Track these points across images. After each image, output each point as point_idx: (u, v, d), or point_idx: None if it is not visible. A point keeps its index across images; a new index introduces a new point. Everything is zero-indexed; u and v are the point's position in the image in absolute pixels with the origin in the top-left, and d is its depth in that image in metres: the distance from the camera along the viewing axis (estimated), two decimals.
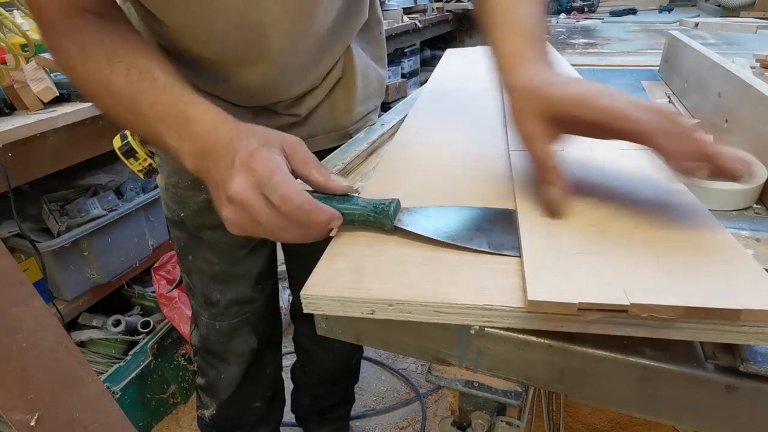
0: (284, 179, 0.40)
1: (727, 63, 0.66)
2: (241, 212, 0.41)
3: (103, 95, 0.51)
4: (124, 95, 0.49)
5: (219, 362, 0.95)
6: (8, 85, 1.16)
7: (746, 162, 0.37)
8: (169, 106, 0.48)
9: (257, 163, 0.40)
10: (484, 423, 0.46)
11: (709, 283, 0.33)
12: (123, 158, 0.82)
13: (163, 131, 0.47)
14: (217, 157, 0.44)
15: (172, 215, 0.84)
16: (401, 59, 3.53)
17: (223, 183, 0.42)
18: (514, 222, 0.44)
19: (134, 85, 0.49)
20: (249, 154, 0.41)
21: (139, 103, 0.48)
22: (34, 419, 0.72)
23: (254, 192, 0.40)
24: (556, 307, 0.33)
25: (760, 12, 1.87)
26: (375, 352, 1.72)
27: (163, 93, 0.48)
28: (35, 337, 0.76)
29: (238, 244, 0.86)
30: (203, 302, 0.90)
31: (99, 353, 1.41)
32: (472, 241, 0.42)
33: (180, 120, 0.47)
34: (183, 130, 0.46)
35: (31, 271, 1.26)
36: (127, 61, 0.50)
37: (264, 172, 0.40)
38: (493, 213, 0.45)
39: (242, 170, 0.40)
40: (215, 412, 0.99)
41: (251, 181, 0.40)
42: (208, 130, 0.45)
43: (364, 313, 0.38)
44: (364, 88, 0.83)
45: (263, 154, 0.41)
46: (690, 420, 0.36)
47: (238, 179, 0.40)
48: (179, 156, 0.48)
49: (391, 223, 0.43)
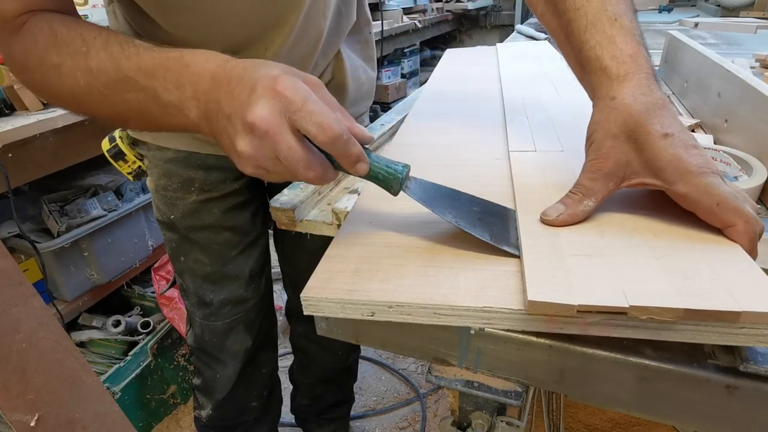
0: (319, 107, 0.36)
1: (727, 63, 0.66)
2: (261, 143, 0.37)
3: (80, 76, 0.46)
4: (106, 67, 0.45)
5: (214, 362, 0.95)
6: (8, 85, 1.16)
7: None
8: (161, 60, 0.43)
9: (285, 88, 0.36)
10: (484, 423, 0.46)
11: (708, 285, 0.33)
12: (112, 161, 0.82)
13: (157, 87, 0.43)
14: (230, 86, 0.39)
15: (162, 217, 0.84)
16: (401, 59, 3.52)
17: (241, 110, 0.37)
18: (514, 222, 0.44)
19: (116, 55, 0.45)
20: (273, 79, 0.37)
21: (123, 70, 0.44)
22: (34, 419, 0.72)
23: (281, 119, 0.36)
24: (556, 308, 0.33)
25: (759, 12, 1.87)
26: (375, 352, 1.72)
27: (149, 53, 0.44)
28: (35, 337, 0.76)
29: (230, 245, 0.86)
30: (197, 302, 0.90)
31: (99, 353, 1.41)
32: (474, 228, 0.42)
33: (177, 68, 0.42)
34: (182, 76, 0.42)
35: (31, 271, 1.26)
36: (103, 37, 0.46)
37: (296, 97, 0.36)
38: (496, 208, 0.46)
39: (268, 95, 0.36)
40: (211, 412, 0.99)
41: (278, 107, 0.36)
42: (216, 67, 0.41)
43: (364, 315, 0.38)
44: (356, 90, 0.83)
45: (290, 80, 0.37)
46: (690, 420, 0.36)
47: (261, 104, 0.36)
48: (182, 106, 0.43)
49: (400, 186, 0.42)
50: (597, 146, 0.42)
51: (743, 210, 0.37)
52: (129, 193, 1.49)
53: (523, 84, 0.88)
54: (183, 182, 0.79)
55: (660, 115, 0.40)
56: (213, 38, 0.62)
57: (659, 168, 0.39)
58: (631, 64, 0.42)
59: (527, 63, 1.05)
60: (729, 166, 0.56)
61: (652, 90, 0.41)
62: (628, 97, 0.41)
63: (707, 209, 0.38)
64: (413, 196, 0.44)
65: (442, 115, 0.77)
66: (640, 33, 0.45)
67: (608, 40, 0.44)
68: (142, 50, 0.45)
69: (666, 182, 0.39)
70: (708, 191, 0.37)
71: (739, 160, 0.55)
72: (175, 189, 0.80)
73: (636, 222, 0.42)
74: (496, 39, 4.34)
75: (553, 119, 0.68)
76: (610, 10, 0.45)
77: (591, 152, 0.43)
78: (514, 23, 4.06)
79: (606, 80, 0.43)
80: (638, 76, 0.42)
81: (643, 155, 0.40)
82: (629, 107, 0.40)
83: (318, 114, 0.36)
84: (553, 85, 0.85)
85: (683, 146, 0.38)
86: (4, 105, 1.16)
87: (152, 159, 0.80)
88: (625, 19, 0.44)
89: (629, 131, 0.40)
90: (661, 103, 0.40)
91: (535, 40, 1.48)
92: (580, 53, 0.46)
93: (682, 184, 0.38)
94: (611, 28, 0.44)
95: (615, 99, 0.41)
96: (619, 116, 0.41)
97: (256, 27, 0.63)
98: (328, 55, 0.76)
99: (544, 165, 0.54)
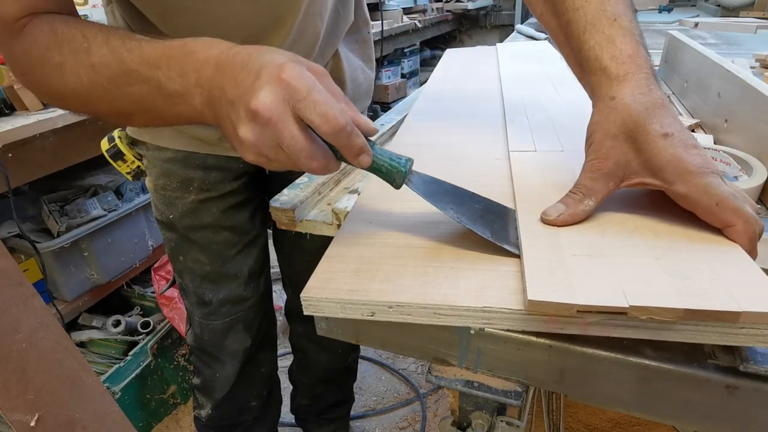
0: (324, 97, 0.36)
1: (727, 63, 0.66)
2: (263, 131, 0.37)
3: (83, 73, 0.46)
4: (108, 62, 0.45)
5: (213, 361, 0.95)
6: (8, 85, 1.16)
7: None
8: (164, 50, 0.43)
9: (291, 76, 0.36)
10: (484, 423, 0.46)
11: (708, 285, 0.33)
12: (111, 161, 0.82)
13: (161, 77, 0.43)
14: (234, 72, 0.39)
15: (161, 216, 0.84)
16: (401, 59, 3.52)
17: (245, 96, 0.37)
18: (514, 222, 0.44)
19: (117, 49, 0.45)
20: (279, 66, 0.37)
21: (126, 63, 0.44)
22: (34, 419, 0.72)
23: (285, 107, 0.36)
24: (556, 307, 0.33)
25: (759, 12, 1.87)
26: (375, 352, 1.72)
27: (151, 44, 0.44)
28: (35, 337, 0.76)
29: (228, 244, 0.86)
30: (196, 302, 0.90)
31: (99, 353, 1.41)
32: (476, 225, 0.42)
33: (180, 55, 0.42)
34: (186, 64, 0.42)
35: (30, 271, 1.26)
36: (104, 33, 0.46)
37: (300, 86, 0.36)
38: (496, 206, 0.46)
39: (272, 82, 0.36)
40: (211, 412, 0.99)
41: (283, 95, 0.36)
42: (220, 53, 0.41)
43: (364, 315, 0.38)
44: (354, 89, 0.83)
45: (295, 68, 0.37)
46: (690, 420, 0.36)
47: (265, 91, 0.36)
48: (186, 95, 0.43)
49: (403, 179, 0.42)
50: (597, 146, 0.42)
51: (743, 210, 0.37)
52: (129, 193, 1.49)
53: (523, 84, 0.88)
54: (182, 182, 0.79)
55: (659, 114, 0.40)
56: None
57: (659, 168, 0.39)
58: (630, 64, 0.42)
59: (527, 63, 1.05)
60: (729, 166, 0.56)
61: (652, 90, 0.41)
62: (627, 97, 0.41)
63: (706, 209, 0.38)
64: (416, 190, 0.44)
65: (442, 115, 0.77)
66: (640, 33, 0.45)
67: (607, 41, 0.44)
68: (144, 42, 0.44)
69: (665, 182, 0.39)
70: (707, 191, 0.37)
71: (739, 160, 0.55)
72: (174, 189, 0.80)
73: (636, 222, 0.42)
74: (496, 39, 4.34)
75: (552, 119, 0.68)
76: (609, 10, 0.45)
77: (591, 152, 0.43)
78: (514, 23, 4.06)
79: (605, 80, 0.43)
80: (638, 76, 0.42)
81: (643, 155, 0.40)
82: (628, 107, 0.40)
83: (322, 104, 0.36)
84: (552, 85, 0.85)
85: (683, 146, 0.38)
86: (4, 105, 1.16)
87: (151, 159, 0.80)
88: (624, 18, 0.44)
89: (628, 131, 0.40)
90: (660, 103, 0.40)
91: (535, 40, 1.48)
92: (579, 53, 0.46)
93: (681, 183, 0.38)
94: (610, 29, 0.44)
95: (614, 99, 0.41)
96: (619, 116, 0.41)
97: (256, 28, 0.63)
98: (326, 55, 0.76)
99: (544, 165, 0.54)
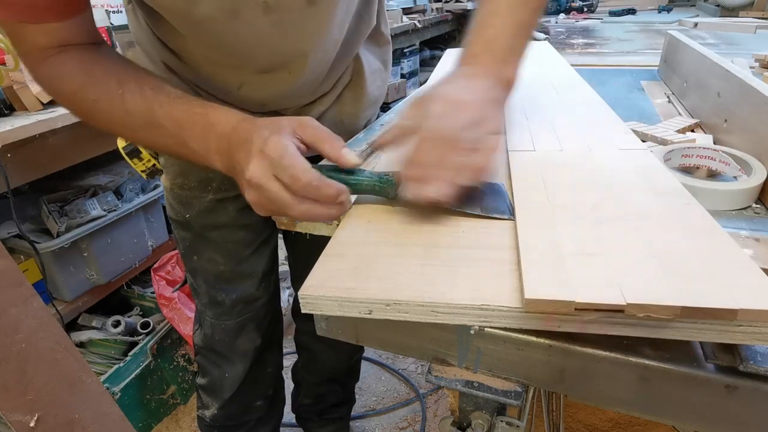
0: (292, 161, 0.45)
1: (726, 63, 0.66)
2: (258, 193, 0.46)
3: (116, 114, 0.54)
4: (140, 110, 0.53)
5: (223, 361, 0.96)
6: (8, 85, 1.15)
7: None
8: (188, 114, 0.52)
9: (269, 148, 0.45)
10: (484, 423, 0.46)
11: (705, 283, 0.33)
12: (127, 158, 0.82)
13: (186, 137, 0.52)
14: (239, 150, 0.49)
15: (176, 215, 0.85)
16: (400, 59, 3.52)
17: (244, 168, 0.47)
18: (503, 191, 0.49)
19: (149, 100, 0.53)
20: (263, 142, 0.46)
21: (156, 116, 0.52)
22: (33, 420, 0.72)
23: (266, 173, 0.45)
24: (553, 305, 0.33)
25: (759, 12, 1.87)
26: (375, 353, 1.72)
27: (179, 103, 0.53)
28: (35, 337, 0.76)
29: (244, 244, 0.86)
30: (208, 302, 0.90)
31: (99, 354, 1.41)
32: (465, 205, 0.47)
33: (202, 124, 0.51)
34: (208, 133, 0.51)
35: (30, 271, 1.26)
36: (137, 79, 0.54)
37: (274, 155, 0.45)
38: (482, 184, 0.50)
39: (257, 156, 0.46)
40: (216, 412, 1.00)
41: (264, 164, 0.45)
42: (231, 129, 0.50)
43: (361, 313, 0.38)
44: (371, 93, 0.84)
45: (274, 140, 0.46)
46: (690, 420, 0.36)
47: (252, 165, 0.46)
48: (207, 157, 0.52)
49: (394, 191, 0.48)
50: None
51: None
52: (129, 194, 1.49)
53: (523, 84, 0.88)
54: (201, 181, 0.80)
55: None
56: (235, 50, 0.64)
57: None
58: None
59: (526, 63, 1.04)
60: (728, 166, 0.56)
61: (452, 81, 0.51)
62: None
63: None
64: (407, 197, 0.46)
65: None
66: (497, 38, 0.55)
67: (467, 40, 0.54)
68: (172, 98, 0.53)
69: None
70: None
71: (738, 160, 0.55)
72: (192, 188, 0.80)
73: (634, 220, 0.42)
74: None
75: (552, 119, 0.68)
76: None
77: None
78: None
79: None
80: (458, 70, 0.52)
81: None
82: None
83: (290, 167, 0.44)
84: (552, 86, 0.85)
85: None
86: (3, 105, 1.16)
87: (169, 158, 0.80)
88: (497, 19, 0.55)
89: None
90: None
91: (535, 40, 1.48)
92: None
93: None
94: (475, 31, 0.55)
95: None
96: None
97: (279, 53, 0.65)
98: (346, 61, 0.77)
99: (544, 165, 0.54)
